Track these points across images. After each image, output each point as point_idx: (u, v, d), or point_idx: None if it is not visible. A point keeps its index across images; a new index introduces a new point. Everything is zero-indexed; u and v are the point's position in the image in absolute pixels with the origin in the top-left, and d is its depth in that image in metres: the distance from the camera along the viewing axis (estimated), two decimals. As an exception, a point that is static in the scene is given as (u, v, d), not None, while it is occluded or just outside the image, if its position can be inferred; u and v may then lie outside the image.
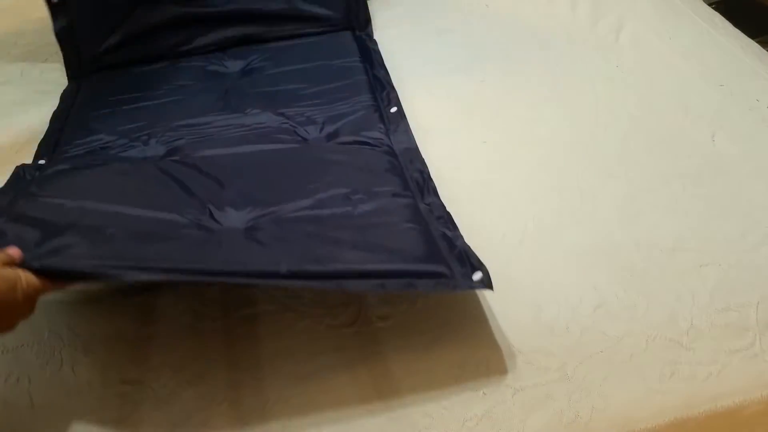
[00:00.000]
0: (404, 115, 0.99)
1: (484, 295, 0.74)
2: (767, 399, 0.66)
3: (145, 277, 0.67)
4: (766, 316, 0.71)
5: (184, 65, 1.15)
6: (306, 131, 0.96)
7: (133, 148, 0.95)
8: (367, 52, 1.15)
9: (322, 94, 1.03)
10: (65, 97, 1.11)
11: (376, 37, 1.21)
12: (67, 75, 1.17)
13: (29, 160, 0.96)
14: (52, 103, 1.09)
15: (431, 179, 0.86)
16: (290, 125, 0.97)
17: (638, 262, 0.77)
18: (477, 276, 0.67)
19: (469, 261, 0.69)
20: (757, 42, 1.17)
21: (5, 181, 0.87)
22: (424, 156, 0.91)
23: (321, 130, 0.96)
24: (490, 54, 1.15)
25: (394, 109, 1.01)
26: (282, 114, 0.99)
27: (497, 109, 1.02)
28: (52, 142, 1.00)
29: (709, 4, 1.30)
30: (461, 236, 0.74)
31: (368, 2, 1.26)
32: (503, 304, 0.73)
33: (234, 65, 1.14)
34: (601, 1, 1.26)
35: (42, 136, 1.02)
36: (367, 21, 1.23)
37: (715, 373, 0.67)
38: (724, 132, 0.95)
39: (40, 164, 0.93)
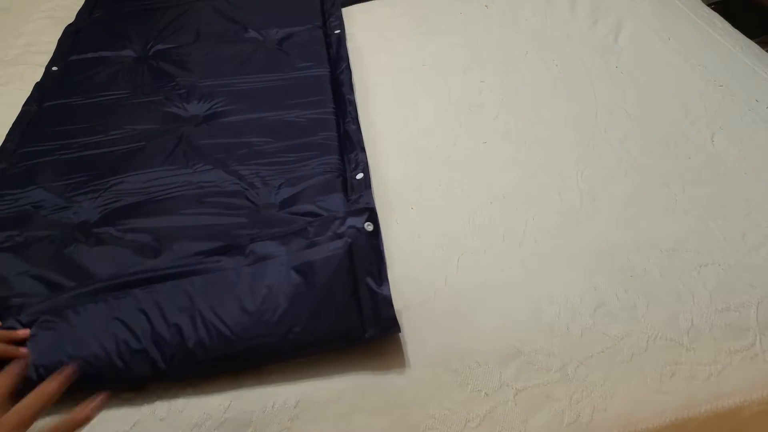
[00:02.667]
0: (370, 185, 0.87)
1: (485, 295, 0.74)
2: (767, 399, 0.66)
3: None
4: (766, 316, 0.71)
5: (142, 101, 1.06)
6: (257, 195, 0.87)
7: (65, 210, 0.87)
8: (342, 102, 1.04)
9: (286, 150, 0.94)
10: (25, 113, 1.06)
11: (376, 37, 1.20)
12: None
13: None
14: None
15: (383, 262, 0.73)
16: (241, 187, 0.88)
17: (638, 262, 0.77)
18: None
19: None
20: (757, 42, 1.17)
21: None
22: (423, 156, 0.91)
23: (276, 194, 0.87)
24: (490, 54, 1.16)
25: (360, 176, 0.89)
26: (235, 173, 0.91)
27: (497, 110, 1.03)
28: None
29: (709, 5, 1.30)
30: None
31: (368, 2, 1.26)
32: (504, 305, 0.73)
33: (194, 108, 1.04)
34: (600, 2, 1.26)
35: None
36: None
37: (716, 373, 0.67)
38: (724, 132, 0.95)
39: None
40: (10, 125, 1.05)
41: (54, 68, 1.17)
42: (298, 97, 1.04)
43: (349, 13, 1.29)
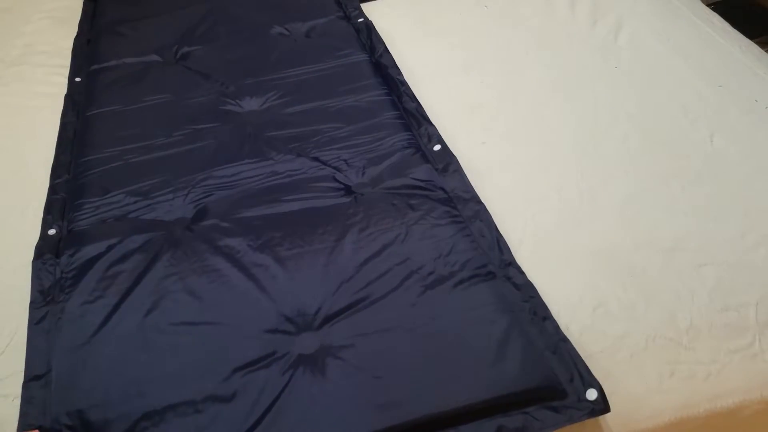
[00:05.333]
0: (452, 153, 0.91)
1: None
2: (767, 398, 0.66)
3: None
4: (766, 316, 0.71)
5: (192, 102, 1.05)
6: (347, 177, 0.88)
7: (156, 209, 0.86)
8: (392, 83, 1.06)
9: (357, 133, 0.95)
10: (66, 125, 1.04)
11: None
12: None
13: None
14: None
15: (508, 248, 0.78)
16: (328, 171, 0.89)
17: (638, 262, 0.77)
18: (591, 395, 0.62)
19: (579, 374, 0.63)
20: (756, 42, 1.17)
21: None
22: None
23: (362, 174, 0.89)
24: (490, 54, 1.16)
25: (437, 147, 0.93)
26: (317, 159, 0.91)
27: (497, 110, 1.03)
28: (59, 207, 0.89)
29: (708, 5, 1.30)
30: (566, 339, 0.67)
31: (368, 3, 1.26)
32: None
33: (249, 104, 1.04)
34: (600, 2, 1.26)
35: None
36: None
37: (715, 372, 0.67)
38: (723, 132, 0.95)
39: (58, 259, 0.81)
40: (14, 126, 1.05)
41: (77, 79, 1.15)
42: (347, 83, 1.06)
43: (349, 13, 1.29)
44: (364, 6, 1.31)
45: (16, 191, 0.95)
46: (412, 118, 0.99)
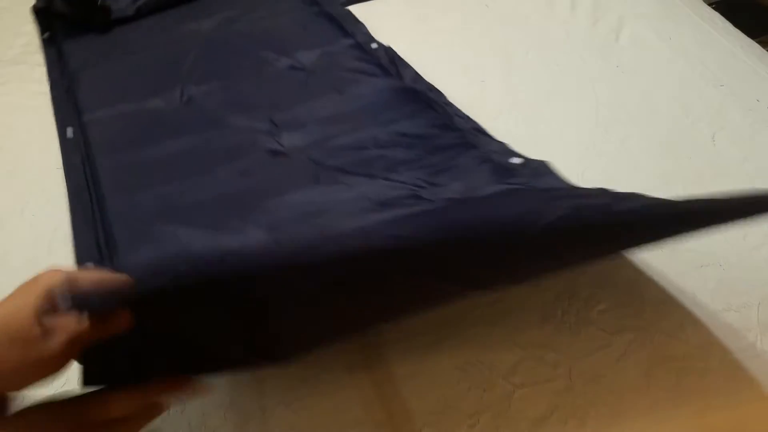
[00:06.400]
0: (546, 164, 0.83)
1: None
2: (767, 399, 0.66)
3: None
4: (767, 317, 0.71)
5: (229, 146, 0.94)
6: (434, 193, 0.81)
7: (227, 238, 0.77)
8: (436, 106, 0.97)
9: (426, 154, 0.87)
10: (71, 163, 0.92)
11: (375, 37, 1.20)
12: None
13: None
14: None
15: None
16: (412, 190, 0.81)
17: (638, 261, 0.77)
18: None
19: None
20: (758, 42, 1.16)
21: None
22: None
23: (450, 189, 0.81)
24: (490, 54, 1.15)
25: (516, 160, 0.84)
26: (395, 180, 0.83)
27: (497, 110, 1.02)
28: (92, 243, 0.78)
29: (709, 4, 1.30)
30: None
31: (368, 2, 1.26)
32: (505, 304, 0.73)
33: (291, 139, 0.94)
34: (601, 1, 1.26)
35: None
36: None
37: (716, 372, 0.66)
38: (725, 133, 0.95)
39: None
40: (13, 126, 1.05)
41: (69, 135, 1.00)
42: (394, 109, 0.98)
43: (349, 12, 1.29)
44: (363, 6, 1.30)
45: (14, 191, 0.95)
46: (472, 137, 0.92)
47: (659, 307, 0.72)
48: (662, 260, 0.77)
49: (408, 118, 0.95)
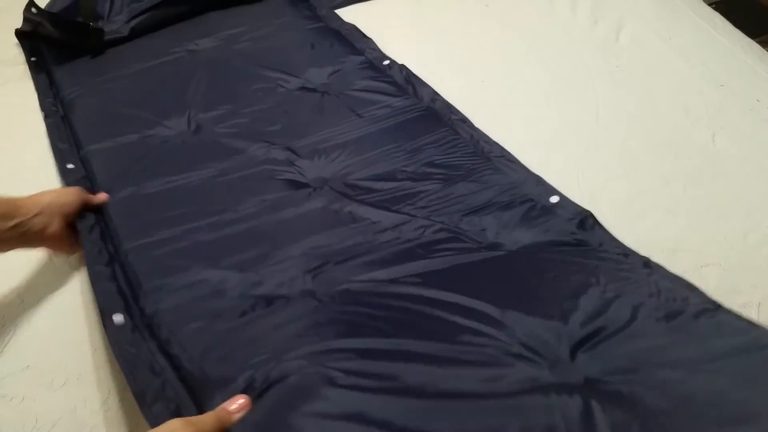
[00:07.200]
0: (586, 211, 0.79)
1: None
2: None
3: None
4: (767, 317, 0.71)
5: (247, 174, 0.88)
6: (470, 238, 0.76)
7: (258, 285, 0.71)
8: (461, 130, 0.94)
9: (454, 188, 0.83)
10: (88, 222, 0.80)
11: (375, 37, 1.20)
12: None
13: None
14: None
15: None
16: (450, 232, 0.76)
17: (639, 262, 0.77)
18: None
19: None
20: (757, 42, 1.17)
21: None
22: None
23: (494, 233, 0.77)
24: (490, 54, 1.15)
25: (555, 199, 0.80)
26: (430, 219, 0.78)
27: (497, 110, 1.02)
28: (114, 291, 0.71)
29: (709, 4, 1.30)
30: None
31: (368, 2, 1.26)
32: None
33: (312, 169, 0.88)
34: (601, 1, 1.26)
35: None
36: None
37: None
38: (725, 132, 0.95)
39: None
40: (12, 126, 1.05)
41: (69, 166, 0.92)
42: (419, 134, 0.94)
43: (348, 13, 1.29)
44: (363, 6, 1.30)
45: (14, 191, 0.95)
46: (501, 164, 0.88)
47: (659, 307, 0.72)
48: (663, 260, 0.77)
49: (435, 145, 0.92)
